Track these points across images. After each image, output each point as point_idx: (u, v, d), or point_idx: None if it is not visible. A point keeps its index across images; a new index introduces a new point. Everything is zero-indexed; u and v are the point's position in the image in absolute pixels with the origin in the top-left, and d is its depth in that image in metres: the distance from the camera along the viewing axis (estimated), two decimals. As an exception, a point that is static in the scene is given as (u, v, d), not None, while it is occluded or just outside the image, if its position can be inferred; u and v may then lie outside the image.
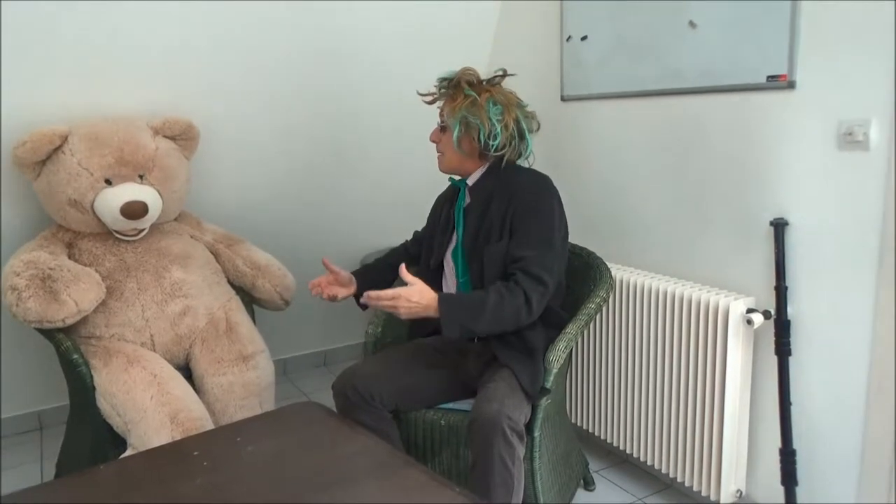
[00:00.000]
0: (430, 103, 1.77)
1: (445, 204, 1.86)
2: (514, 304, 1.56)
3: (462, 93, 1.67)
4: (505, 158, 1.70)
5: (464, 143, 1.70)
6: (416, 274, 1.71)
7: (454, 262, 1.78)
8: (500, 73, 1.74)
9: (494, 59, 2.72)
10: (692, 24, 1.88)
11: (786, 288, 1.73)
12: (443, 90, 1.73)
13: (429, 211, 1.95)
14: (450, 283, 1.81)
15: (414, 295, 1.55)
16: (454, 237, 1.79)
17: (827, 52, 1.60)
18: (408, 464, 1.35)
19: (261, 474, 1.29)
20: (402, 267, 1.59)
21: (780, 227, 1.72)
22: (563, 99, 2.40)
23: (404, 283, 1.58)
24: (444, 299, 1.57)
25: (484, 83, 1.71)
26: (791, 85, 1.67)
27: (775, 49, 1.68)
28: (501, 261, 1.65)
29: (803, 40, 1.63)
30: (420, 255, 1.92)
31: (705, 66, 1.87)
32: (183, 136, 2.22)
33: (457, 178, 1.80)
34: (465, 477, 1.64)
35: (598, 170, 2.31)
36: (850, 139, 1.56)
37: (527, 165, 1.79)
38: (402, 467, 1.34)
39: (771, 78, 1.71)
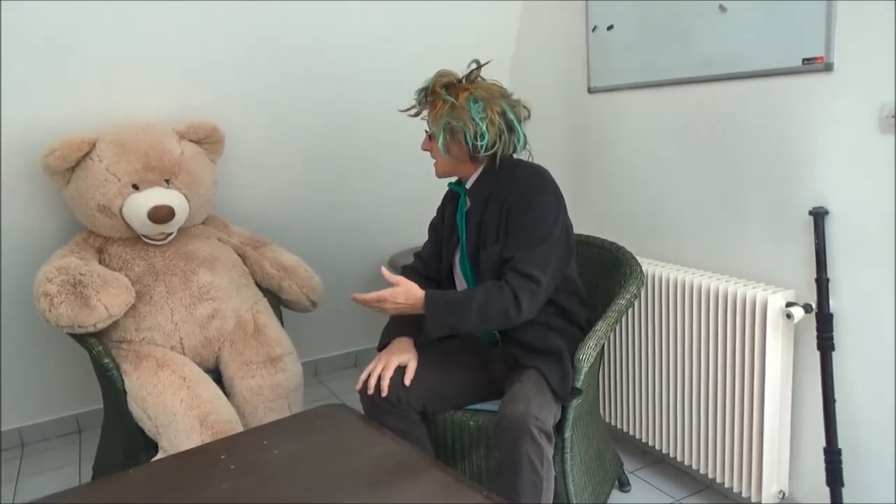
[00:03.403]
0: (414, 116, 1.70)
1: (447, 209, 1.81)
2: (501, 302, 1.52)
3: (440, 98, 1.60)
4: (498, 156, 1.63)
5: (452, 149, 1.63)
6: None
7: (462, 272, 1.73)
8: (475, 64, 1.65)
9: (519, 53, 2.68)
10: (722, 7, 1.82)
11: (827, 280, 1.66)
12: (421, 100, 1.66)
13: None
14: None
15: (399, 296, 1.55)
16: (458, 244, 1.73)
17: (866, 31, 1.52)
18: (434, 466, 1.33)
19: (286, 477, 1.28)
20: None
21: (819, 216, 1.65)
22: (589, 91, 2.35)
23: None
24: (430, 298, 1.55)
25: (462, 82, 1.64)
26: (828, 67, 1.60)
27: (811, 30, 1.61)
28: (497, 265, 1.61)
29: (840, 19, 1.56)
30: (439, 270, 1.84)
31: (737, 52, 1.80)
32: (208, 140, 2.23)
33: (455, 182, 1.74)
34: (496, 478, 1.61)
35: (627, 162, 2.25)
36: (893, 122, 1.49)
37: (525, 157, 1.71)
38: (428, 470, 1.32)
39: (807, 61, 1.63)
